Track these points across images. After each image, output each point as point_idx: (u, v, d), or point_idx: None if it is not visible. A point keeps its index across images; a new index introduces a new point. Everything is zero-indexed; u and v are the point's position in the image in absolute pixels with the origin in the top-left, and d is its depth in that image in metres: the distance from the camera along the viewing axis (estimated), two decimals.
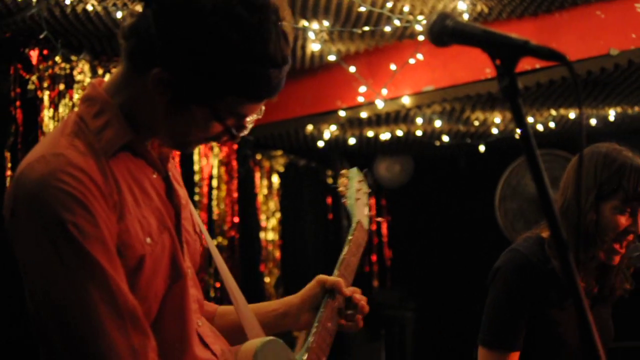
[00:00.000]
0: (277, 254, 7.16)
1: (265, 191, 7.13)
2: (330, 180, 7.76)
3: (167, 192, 1.93)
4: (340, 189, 2.65)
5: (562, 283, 2.78)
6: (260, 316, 2.24)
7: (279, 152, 7.24)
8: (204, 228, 2.13)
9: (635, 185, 2.84)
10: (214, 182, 6.27)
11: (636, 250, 2.87)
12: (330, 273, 2.36)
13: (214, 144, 6.03)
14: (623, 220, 2.87)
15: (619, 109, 6.15)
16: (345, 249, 2.43)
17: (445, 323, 7.82)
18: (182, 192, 2.01)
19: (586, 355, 1.43)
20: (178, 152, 3.53)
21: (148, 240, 1.80)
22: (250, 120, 1.87)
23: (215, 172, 6.28)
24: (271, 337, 2.05)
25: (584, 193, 2.88)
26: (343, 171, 2.70)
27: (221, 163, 6.35)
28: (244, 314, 2.15)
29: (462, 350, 6.73)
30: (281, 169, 7.33)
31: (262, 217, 7.05)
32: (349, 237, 2.48)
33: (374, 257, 8.00)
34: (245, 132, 1.89)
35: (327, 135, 6.52)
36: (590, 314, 1.44)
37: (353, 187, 2.64)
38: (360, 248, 2.50)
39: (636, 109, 6.16)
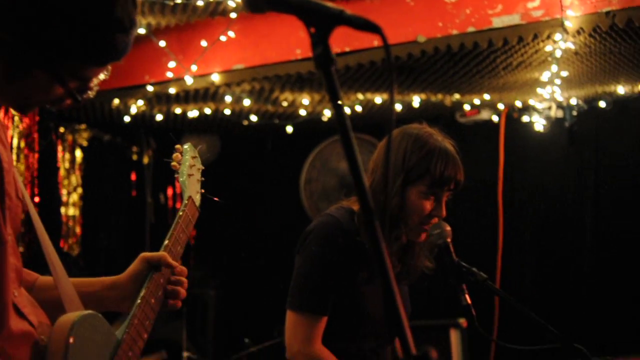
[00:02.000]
0: (78, 229, 6.97)
1: (67, 165, 6.92)
2: (135, 157, 7.61)
3: None
4: (173, 163, 2.60)
5: (370, 256, 2.82)
6: (80, 294, 2.13)
7: (83, 126, 7.03)
8: (26, 194, 2.03)
9: (442, 171, 2.91)
10: (14, 155, 6.03)
11: (437, 228, 2.95)
12: (133, 251, 2.30)
13: (15, 113, 5.78)
14: (428, 205, 2.93)
15: (423, 96, 6.32)
16: (175, 224, 2.37)
17: (248, 302, 7.84)
18: (6, 154, 1.88)
19: (391, 329, 1.45)
20: None
21: None
22: (96, 82, 1.80)
23: (15, 143, 6.04)
24: (90, 311, 1.97)
25: (391, 176, 2.93)
26: (177, 146, 2.63)
27: (22, 135, 6.11)
28: (64, 287, 2.05)
29: (263, 328, 6.77)
30: (85, 143, 7.12)
31: (64, 191, 6.84)
32: (180, 213, 2.43)
33: None
34: (91, 95, 1.82)
35: (133, 110, 6.39)
36: (399, 294, 1.46)
37: (187, 162, 2.60)
38: (190, 224, 2.45)
39: (439, 96, 6.35)
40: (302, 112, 6.65)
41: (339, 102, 1.42)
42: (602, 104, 6.55)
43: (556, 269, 6.80)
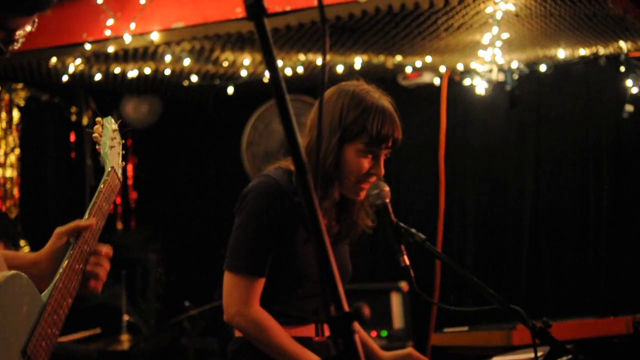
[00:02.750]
0: (16, 191, 6.86)
1: (4, 125, 6.80)
2: (74, 118, 7.49)
3: None
4: (95, 135, 2.61)
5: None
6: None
7: (20, 85, 6.89)
8: None
9: (379, 128, 2.88)
10: None
11: (375, 188, 2.93)
12: (73, 213, 2.29)
13: None
14: (366, 164, 2.91)
15: (365, 57, 6.29)
16: (98, 194, 2.38)
17: (189, 265, 7.81)
18: None
19: (324, 290, 1.42)
20: None
21: None
22: (22, 34, 1.75)
23: None
24: (15, 272, 1.97)
25: (328, 134, 2.90)
26: (98, 119, 2.64)
27: None
28: None
29: (204, 291, 6.75)
30: (22, 103, 6.99)
31: (1, 152, 6.73)
32: (102, 184, 2.44)
33: (118, 199, 7.83)
34: (17, 46, 1.77)
35: (71, 69, 6.27)
36: (331, 250, 1.44)
37: (108, 134, 2.61)
38: (112, 194, 2.47)
39: (381, 58, 6.33)
40: (243, 73, 6.58)
41: (272, 53, 1.39)
42: (542, 68, 6.58)
43: (496, 231, 6.86)
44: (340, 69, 6.37)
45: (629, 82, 6.18)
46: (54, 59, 6.05)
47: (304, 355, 2.88)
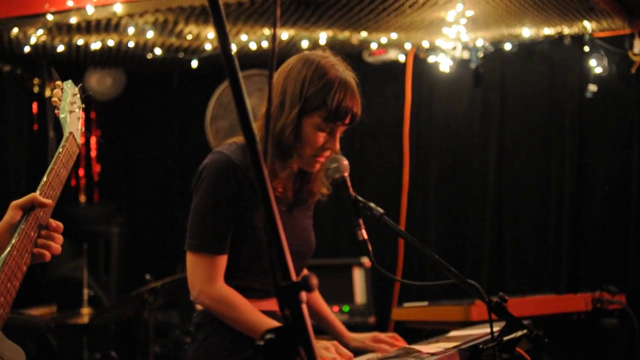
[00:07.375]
0: None
1: None
2: (36, 89, 7.41)
3: None
4: (54, 99, 2.60)
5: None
6: None
7: None
8: None
9: (339, 102, 2.87)
10: None
11: (334, 162, 2.93)
12: (34, 184, 2.27)
13: None
14: (321, 138, 2.91)
15: (330, 33, 6.27)
16: (55, 160, 2.36)
17: (152, 239, 7.78)
18: None
19: (272, 258, 1.42)
20: None
21: None
22: None
23: None
24: None
25: (288, 105, 2.89)
26: (58, 82, 2.63)
27: None
28: None
29: (166, 265, 6.73)
30: None
31: None
32: (60, 149, 2.42)
33: (81, 172, 7.78)
34: None
35: (33, 40, 6.19)
36: (280, 219, 1.43)
37: (67, 99, 2.59)
38: (70, 160, 2.45)
39: (346, 33, 6.30)
40: (208, 46, 6.54)
41: (223, 24, 1.38)
42: (507, 46, 6.59)
43: (459, 207, 6.88)
44: (305, 44, 6.33)
45: (592, 62, 6.21)
46: (15, 30, 5.97)
47: (271, 326, 2.88)
